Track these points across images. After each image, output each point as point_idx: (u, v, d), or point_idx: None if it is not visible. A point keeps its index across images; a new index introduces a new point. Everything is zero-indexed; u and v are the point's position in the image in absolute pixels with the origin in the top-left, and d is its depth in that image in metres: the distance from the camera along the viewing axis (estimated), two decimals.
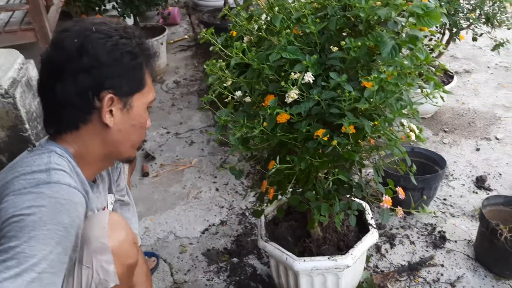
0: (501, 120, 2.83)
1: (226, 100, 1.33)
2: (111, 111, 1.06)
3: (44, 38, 2.93)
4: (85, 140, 1.09)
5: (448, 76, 2.86)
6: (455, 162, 2.45)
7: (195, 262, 1.90)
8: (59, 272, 0.94)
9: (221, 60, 1.25)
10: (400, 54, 1.15)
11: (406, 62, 1.12)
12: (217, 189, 2.34)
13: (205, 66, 1.29)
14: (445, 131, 2.74)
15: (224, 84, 1.30)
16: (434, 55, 2.73)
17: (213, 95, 1.32)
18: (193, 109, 3.18)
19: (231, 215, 2.15)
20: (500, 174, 2.34)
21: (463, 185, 2.27)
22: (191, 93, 3.41)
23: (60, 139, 1.08)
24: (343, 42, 1.10)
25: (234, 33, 1.44)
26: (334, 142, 1.10)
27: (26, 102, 2.17)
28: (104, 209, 1.30)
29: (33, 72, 2.29)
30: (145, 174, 2.53)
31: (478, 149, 2.55)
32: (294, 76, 1.12)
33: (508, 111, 2.93)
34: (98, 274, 1.11)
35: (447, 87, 2.70)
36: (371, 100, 1.08)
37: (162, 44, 3.64)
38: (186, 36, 4.48)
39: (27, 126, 2.17)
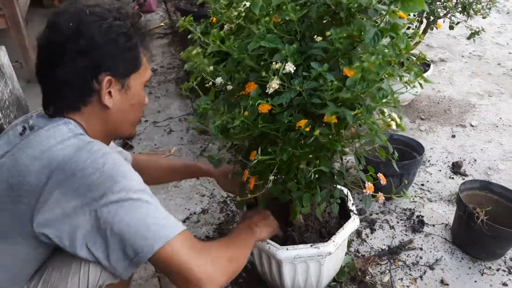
0: (475, 108, 2.90)
1: (206, 85, 1.31)
2: (110, 93, 1.07)
3: (15, 25, 2.84)
4: (86, 120, 1.10)
5: (424, 65, 2.90)
6: (431, 148, 2.50)
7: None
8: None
9: (198, 48, 1.23)
10: (380, 43, 1.15)
11: (387, 51, 1.13)
12: (197, 178, 2.32)
13: (181, 54, 1.27)
14: (422, 119, 2.79)
15: (203, 73, 1.28)
16: (412, 43, 2.76)
17: (194, 83, 1.30)
18: (171, 97, 3.15)
19: (212, 203, 2.14)
20: (475, 160, 2.40)
21: (440, 170, 2.32)
22: (168, 81, 3.37)
23: (65, 116, 1.09)
24: (328, 33, 1.10)
25: (214, 20, 1.42)
26: (316, 132, 1.10)
27: None
28: None
29: (4, 59, 2.21)
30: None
31: (453, 136, 2.61)
32: (275, 66, 1.10)
33: (482, 99, 3.00)
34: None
35: (424, 75, 2.74)
36: (353, 89, 1.08)
37: None
38: (162, 24, 4.41)
39: None
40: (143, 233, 0.97)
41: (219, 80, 1.29)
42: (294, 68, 1.12)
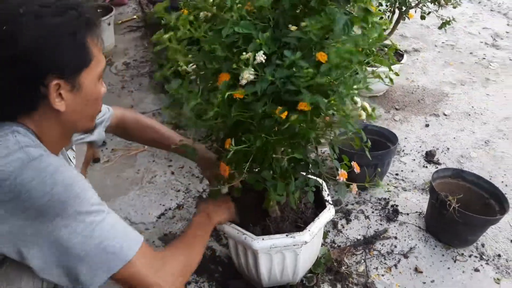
0: (448, 97, 2.94)
1: (179, 70, 1.28)
2: (60, 95, 0.99)
3: None
4: (39, 124, 1.02)
5: (398, 55, 2.92)
6: (406, 138, 2.52)
7: (152, 247, 1.86)
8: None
9: (170, 32, 1.19)
10: (353, 32, 1.14)
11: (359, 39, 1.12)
12: (172, 173, 2.30)
13: (153, 38, 1.24)
14: (396, 109, 2.81)
15: (176, 62, 1.25)
16: (385, 33, 2.78)
17: (169, 72, 1.27)
18: (144, 91, 3.09)
19: (187, 199, 2.12)
20: (448, 148, 2.43)
21: (414, 160, 2.35)
22: (142, 75, 3.31)
23: (16, 120, 1.01)
24: (303, 23, 1.08)
25: (185, 12, 1.39)
26: (294, 117, 1.09)
27: None
28: None
29: None
30: (96, 160, 2.43)
31: (427, 125, 2.64)
32: (245, 56, 1.08)
33: (454, 88, 3.05)
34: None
35: (397, 66, 2.76)
36: (328, 75, 1.07)
37: (109, 24, 3.50)
38: (135, 17, 4.33)
39: None
40: (100, 256, 0.95)
41: (192, 67, 1.26)
42: (265, 58, 1.10)
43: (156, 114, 2.82)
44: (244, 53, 1.09)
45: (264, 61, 1.09)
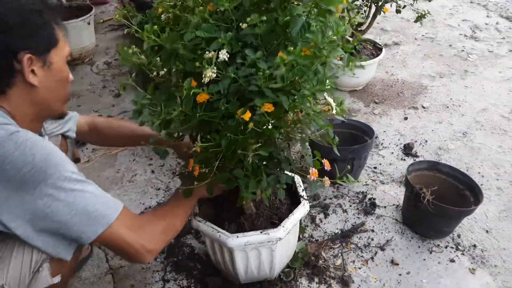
0: (427, 89, 2.97)
1: (150, 76, 1.29)
2: (33, 71, 1.06)
3: None
4: (15, 103, 1.08)
5: (377, 49, 2.94)
6: (384, 131, 2.54)
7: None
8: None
9: (134, 46, 1.21)
10: (316, 27, 1.15)
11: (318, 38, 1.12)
12: (152, 171, 2.30)
13: (118, 52, 1.25)
14: (376, 102, 2.84)
15: (143, 67, 1.26)
16: (363, 27, 2.80)
17: (132, 80, 1.28)
18: (125, 90, 3.08)
19: (167, 196, 2.12)
20: (426, 141, 2.46)
21: (392, 153, 2.37)
22: (123, 74, 3.30)
23: None
24: (248, 18, 1.09)
25: (160, 10, 1.39)
26: (250, 125, 1.10)
27: None
28: None
29: None
30: (76, 160, 2.41)
31: (406, 118, 2.67)
32: (208, 55, 1.09)
33: (433, 81, 3.08)
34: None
35: (375, 60, 2.78)
36: (285, 77, 1.08)
37: (89, 24, 3.47)
38: (116, 15, 4.30)
39: None
40: (84, 221, 1.03)
41: (162, 72, 1.27)
42: (228, 56, 1.11)
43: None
44: (207, 52, 1.10)
45: (227, 59, 1.10)
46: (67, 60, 1.16)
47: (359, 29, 2.74)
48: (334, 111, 1.25)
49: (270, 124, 1.19)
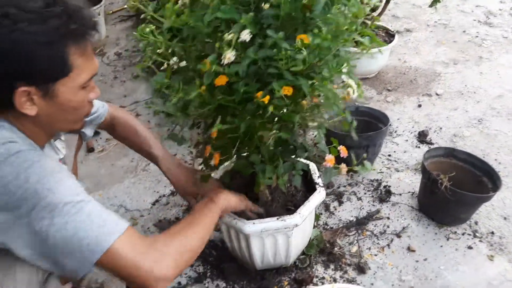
0: (440, 76, 2.93)
1: (162, 68, 1.28)
2: (32, 99, 0.97)
3: None
4: (20, 122, 1.02)
5: (389, 35, 2.90)
6: (398, 119, 2.52)
7: (147, 233, 1.87)
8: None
9: (151, 25, 1.19)
10: (337, 10, 1.14)
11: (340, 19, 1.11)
12: None
13: (134, 33, 1.24)
14: (389, 90, 2.81)
15: (158, 50, 1.25)
16: (376, 13, 2.76)
17: (150, 62, 1.27)
18: (137, 81, 3.08)
19: None
20: (441, 128, 2.43)
21: (407, 140, 2.35)
22: (134, 65, 3.29)
23: (1, 114, 1.02)
24: None
25: None
26: (271, 108, 1.09)
27: None
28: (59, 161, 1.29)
29: None
30: (90, 150, 2.44)
31: (420, 106, 2.64)
32: (228, 36, 1.08)
33: (447, 67, 3.03)
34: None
35: (388, 47, 2.75)
36: (306, 60, 1.06)
37: (99, 14, 3.47)
38: (125, 6, 4.29)
39: None
40: (78, 248, 0.94)
41: (174, 59, 1.26)
42: (250, 36, 1.10)
43: (148, 103, 2.81)
44: (227, 34, 1.09)
45: (248, 39, 1.09)
46: (85, 86, 1.04)
47: (372, 14, 2.70)
48: (354, 94, 1.23)
49: (287, 108, 1.18)
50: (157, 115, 2.68)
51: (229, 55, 1.07)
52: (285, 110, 1.15)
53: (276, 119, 1.21)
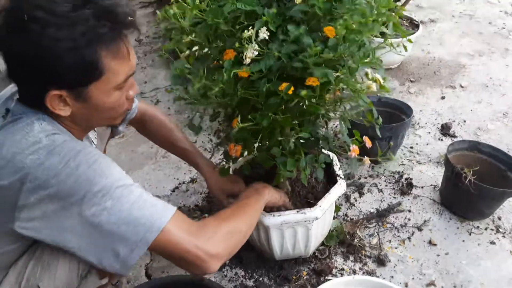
0: (465, 68, 2.87)
1: (183, 54, 1.27)
2: (65, 101, 0.98)
3: None
4: (58, 118, 1.03)
5: (413, 26, 2.85)
6: (421, 111, 2.48)
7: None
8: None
9: (175, 7, 1.17)
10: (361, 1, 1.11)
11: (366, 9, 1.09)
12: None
13: (158, 12, 1.22)
14: (411, 81, 2.76)
15: (184, 40, 1.24)
16: (400, 3, 2.70)
17: (175, 46, 1.26)
18: (157, 67, 3.09)
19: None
20: (465, 121, 2.39)
21: (429, 133, 2.31)
22: (154, 51, 3.30)
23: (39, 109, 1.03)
24: None
25: None
26: (304, 93, 1.07)
27: None
28: None
29: None
30: (110, 136, 2.46)
31: (443, 97, 2.59)
32: (247, 33, 1.05)
33: (472, 59, 2.97)
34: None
35: (412, 37, 2.69)
36: (336, 49, 1.04)
37: None
38: None
39: None
40: (133, 228, 0.95)
41: (195, 48, 1.25)
42: (268, 34, 1.07)
43: (168, 89, 2.82)
44: (247, 30, 1.07)
45: (267, 37, 1.06)
46: (120, 87, 1.02)
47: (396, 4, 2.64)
48: (375, 88, 1.21)
49: (311, 102, 1.17)
50: (177, 102, 2.68)
51: (250, 54, 1.05)
52: (312, 101, 1.14)
53: (298, 114, 1.19)
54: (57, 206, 0.93)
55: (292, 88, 1.07)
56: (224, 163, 1.46)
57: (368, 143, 1.30)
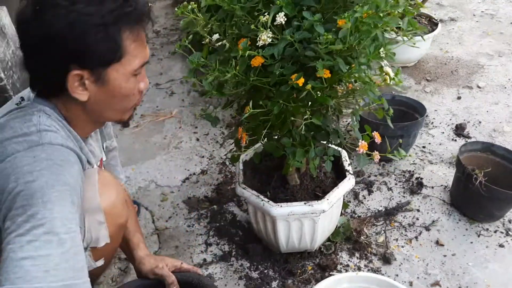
0: (484, 69, 2.82)
1: (203, 42, 1.29)
2: (84, 84, 0.97)
3: None
4: (68, 107, 1.03)
5: (432, 24, 2.81)
6: (435, 110, 2.45)
7: (176, 209, 1.91)
8: (78, 228, 0.92)
9: (192, 2, 1.20)
10: None
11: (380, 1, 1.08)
12: (197, 139, 2.33)
13: (176, 9, 1.24)
14: (428, 80, 2.73)
15: (196, 29, 1.25)
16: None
17: (187, 41, 1.27)
18: (173, 59, 3.11)
19: (211, 165, 2.15)
20: (480, 122, 2.35)
21: (443, 133, 2.29)
22: (171, 43, 3.32)
23: (47, 99, 1.02)
24: None
25: None
26: (308, 87, 1.08)
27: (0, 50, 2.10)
28: (101, 160, 1.28)
29: (6, 19, 2.19)
30: (125, 125, 2.49)
31: (459, 98, 2.55)
32: (263, 18, 1.07)
33: (491, 59, 2.92)
34: (90, 233, 1.10)
35: (430, 35, 2.66)
36: (346, 40, 1.05)
37: None
38: None
39: (2, 75, 2.10)
40: (32, 280, 0.81)
41: (215, 36, 1.26)
42: (285, 19, 1.09)
43: (184, 81, 2.84)
44: (262, 16, 1.08)
45: (283, 22, 1.08)
46: (136, 73, 1.02)
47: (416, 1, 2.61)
48: (391, 82, 1.20)
49: (322, 92, 1.17)
50: (191, 94, 2.71)
51: (264, 37, 1.07)
52: (319, 94, 1.14)
53: (310, 103, 1.20)
54: (3, 197, 0.88)
55: (303, 79, 1.08)
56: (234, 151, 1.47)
57: (378, 139, 1.30)
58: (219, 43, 1.23)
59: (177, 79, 2.88)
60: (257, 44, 1.09)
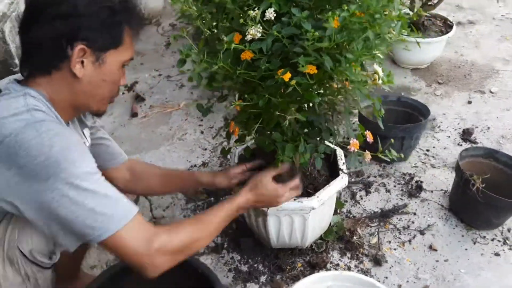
0: (498, 74, 2.76)
1: (203, 36, 1.31)
2: (82, 62, 1.04)
3: None
4: (56, 87, 1.06)
5: (447, 26, 2.76)
6: (444, 114, 2.42)
7: (174, 200, 1.94)
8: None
9: None
10: None
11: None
12: (202, 132, 2.35)
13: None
14: (439, 83, 2.69)
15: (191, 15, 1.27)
16: (433, 1, 2.63)
17: (185, 33, 1.30)
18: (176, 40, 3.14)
19: (213, 157, 2.17)
20: (489, 128, 2.31)
21: (449, 137, 2.25)
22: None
23: (33, 83, 1.06)
24: None
25: None
26: (293, 82, 1.08)
27: (16, 38, 2.15)
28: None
29: (23, 7, 2.25)
30: (134, 115, 2.54)
31: (470, 102, 2.51)
32: (252, 13, 1.08)
33: (507, 65, 2.85)
34: None
35: (443, 37, 2.62)
36: (332, 38, 1.04)
37: None
38: None
39: (16, 61, 2.16)
40: (90, 223, 0.96)
41: (206, 30, 1.28)
42: (274, 15, 1.09)
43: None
44: (252, 10, 1.09)
45: (273, 17, 1.08)
46: (123, 65, 1.13)
47: (429, 3, 2.57)
48: (380, 81, 1.20)
49: (312, 89, 1.17)
50: (200, 88, 2.72)
51: (253, 32, 1.07)
52: (307, 90, 1.14)
53: (298, 98, 1.20)
54: (19, 178, 0.94)
55: (289, 74, 1.09)
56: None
57: (370, 138, 1.29)
58: (207, 34, 1.24)
59: (188, 72, 2.90)
60: (245, 38, 1.10)
